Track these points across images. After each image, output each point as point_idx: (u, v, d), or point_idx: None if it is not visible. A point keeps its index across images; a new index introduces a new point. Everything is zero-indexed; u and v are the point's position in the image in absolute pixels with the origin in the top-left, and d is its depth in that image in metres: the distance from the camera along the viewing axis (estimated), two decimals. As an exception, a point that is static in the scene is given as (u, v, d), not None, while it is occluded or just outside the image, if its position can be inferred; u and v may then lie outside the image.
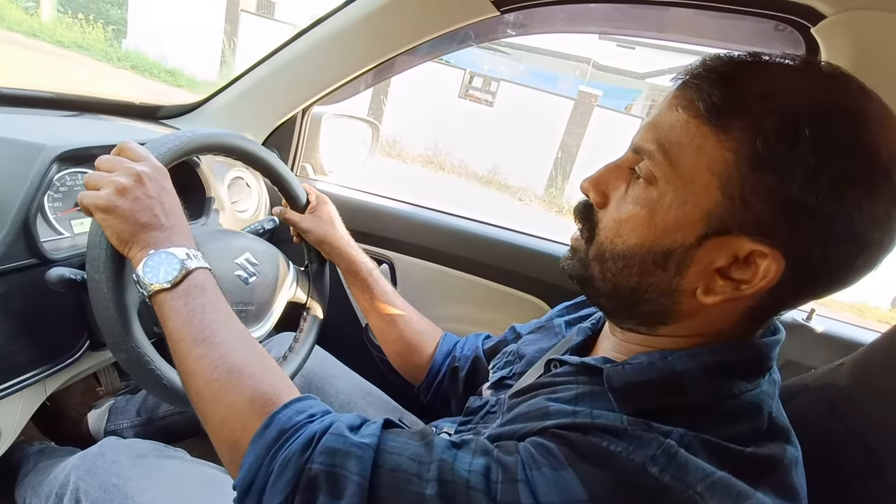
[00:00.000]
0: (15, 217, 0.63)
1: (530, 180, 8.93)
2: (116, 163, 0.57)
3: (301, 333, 0.86)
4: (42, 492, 0.73)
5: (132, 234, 0.55)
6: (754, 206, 0.39)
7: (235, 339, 0.53)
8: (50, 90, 0.96)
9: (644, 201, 0.44)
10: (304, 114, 1.17)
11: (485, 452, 0.42)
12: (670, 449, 0.38)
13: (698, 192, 0.41)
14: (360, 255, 0.88)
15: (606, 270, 0.47)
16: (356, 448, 0.43)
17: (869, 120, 0.37)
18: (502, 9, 0.89)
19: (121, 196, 0.54)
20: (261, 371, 0.50)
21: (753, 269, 0.40)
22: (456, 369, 0.83)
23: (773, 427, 0.43)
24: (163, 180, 0.59)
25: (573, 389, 0.48)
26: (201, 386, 0.50)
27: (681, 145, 0.41)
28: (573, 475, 0.38)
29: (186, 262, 0.55)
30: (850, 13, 0.67)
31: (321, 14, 0.98)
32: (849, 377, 0.60)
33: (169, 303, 0.53)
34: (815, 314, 0.96)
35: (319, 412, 0.48)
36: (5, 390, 0.66)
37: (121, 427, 1.01)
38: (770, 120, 0.38)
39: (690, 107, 0.41)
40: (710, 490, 0.36)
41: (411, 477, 0.41)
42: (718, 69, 0.41)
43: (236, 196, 1.08)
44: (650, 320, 0.48)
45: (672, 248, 0.43)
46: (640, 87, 11.97)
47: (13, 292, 0.64)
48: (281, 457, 0.43)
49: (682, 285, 0.44)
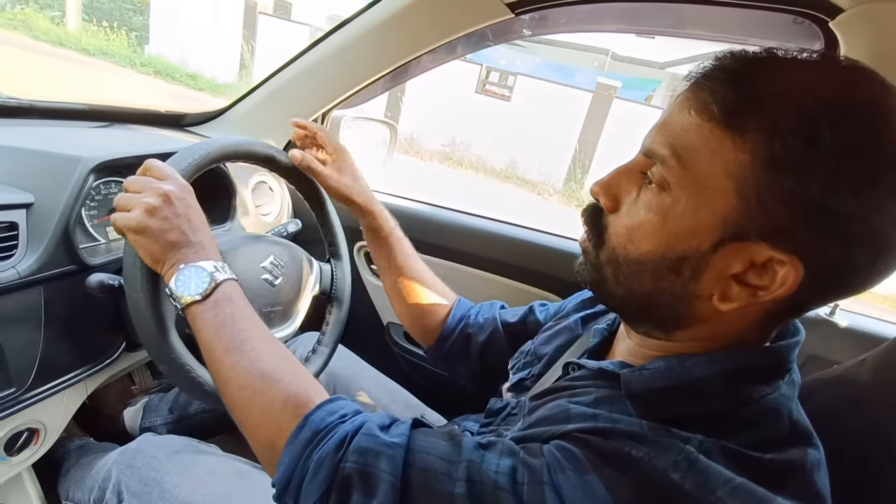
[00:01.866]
0: (56, 227, 0.67)
1: (549, 174, 8.85)
2: (144, 183, 0.59)
3: (327, 327, 0.87)
4: (85, 485, 0.77)
5: (163, 252, 0.57)
6: (772, 209, 0.37)
7: (264, 347, 0.55)
8: (81, 102, 1.00)
9: (657, 208, 0.43)
10: (323, 118, 1.19)
11: (511, 454, 0.43)
12: (690, 455, 0.38)
13: (713, 196, 0.40)
14: (384, 213, 0.84)
15: (620, 274, 0.47)
16: (387, 448, 0.44)
17: (889, 116, 0.36)
18: (517, 11, 0.89)
19: (150, 216, 0.57)
20: (290, 376, 0.52)
21: (771, 276, 0.39)
22: (469, 336, 0.82)
23: (794, 430, 0.42)
24: (188, 198, 0.61)
25: (592, 393, 0.49)
26: (235, 392, 0.52)
27: (695, 149, 0.40)
28: (597, 480, 0.38)
29: (215, 274, 0.57)
30: (868, 6, 0.66)
31: (337, 14, 1.00)
32: (871, 373, 0.59)
33: (201, 314, 0.56)
34: (838, 308, 0.95)
35: (350, 412, 0.50)
36: (50, 390, 0.70)
37: (155, 424, 1.05)
38: (786, 119, 0.36)
39: (703, 109, 0.40)
40: (732, 495, 0.36)
41: (441, 476, 0.42)
42: (731, 68, 0.40)
43: (260, 200, 1.11)
44: (666, 325, 0.47)
45: (687, 253, 0.42)
46: (661, 78, 11.72)
47: (55, 298, 0.68)
48: (316, 456, 0.45)
49: (697, 291, 0.43)
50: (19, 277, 0.63)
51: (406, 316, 0.87)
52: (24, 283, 0.64)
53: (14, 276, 0.62)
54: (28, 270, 0.64)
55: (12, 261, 0.64)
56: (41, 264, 0.65)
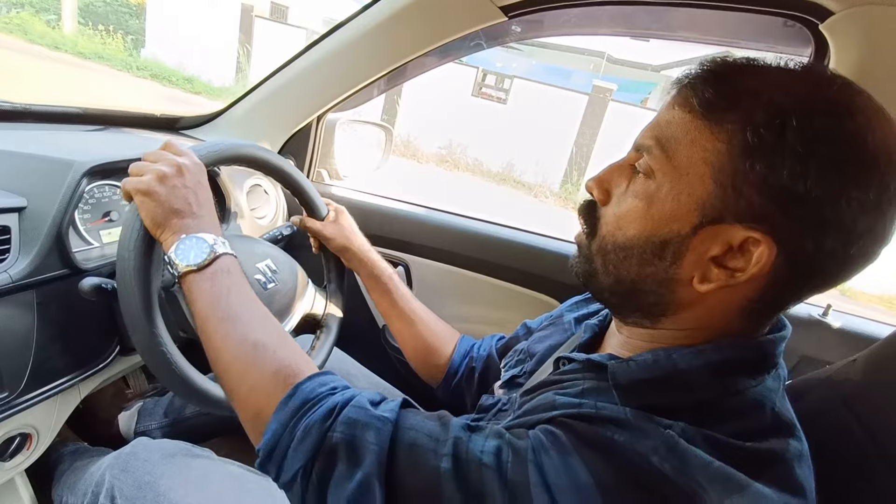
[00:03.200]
0: (49, 230, 0.67)
1: (546, 177, 8.88)
2: (160, 155, 0.62)
3: (313, 351, 0.87)
4: (79, 490, 0.76)
5: (165, 217, 0.58)
6: (746, 195, 0.40)
7: (258, 319, 0.55)
8: (76, 105, 1.00)
9: (642, 194, 0.46)
10: (318, 120, 1.19)
11: (497, 436, 0.43)
12: (671, 440, 0.39)
13: (693, 182, 0.43)
14: (381, 262, 0.90)
15: (608, 263, 0.49)
16: (376, 420, 0.45)
17: (855, 112, 0.39)
18: (509, 14, 0.90)
19: (160, 182, 0.59)
20: (283, 347, 0.53)
21: (747, 258, 0.41)
22: (473, 370, 0.84)
23: (777, 422, 0.44)
24: (200, 175, 0.63)
25: (580, 385, 0.50)
26: (228, 360, 0.52)
27: (676, 139, 0.44)
28: (580, 461, 0.39)
29: (215, 246, 0.58)
30: (857, 9, 0.67)
31: (333, 17, 1.01)
32: (862, 373, 0.60)
33: (197, 283, 0.57)
34: (831, 309, 0.96)
35: (340, 386, 0.50)
36: (43, 394, 0.70)
37: (149, 428, 1.04)
38: (760, 113, 0.40)
39: (686, 104, 0.44)
40: (710, 480, 0.37)
41: (427, 452, 0.43)
42: (712, 70, 0.44)
43: (255, 203, 1.11)
44: (651, 312, 0.49)
45: (668, 237, 0.44)
46: (657, 80, 11.79)
47: (49, 301, 0.68)
48: (303, 424, 0.46)
49: (678, 274, 0.45)
50: (12, 282, 0.63)
51: (412, 355, 0.90)
52: (16, 287, 0.64)
53: (6, 280, 0.62)
54: (20, 274, 0.64)
55: (5, 265, 0.64)
56: (34, 268, 0.65)
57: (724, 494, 0.37)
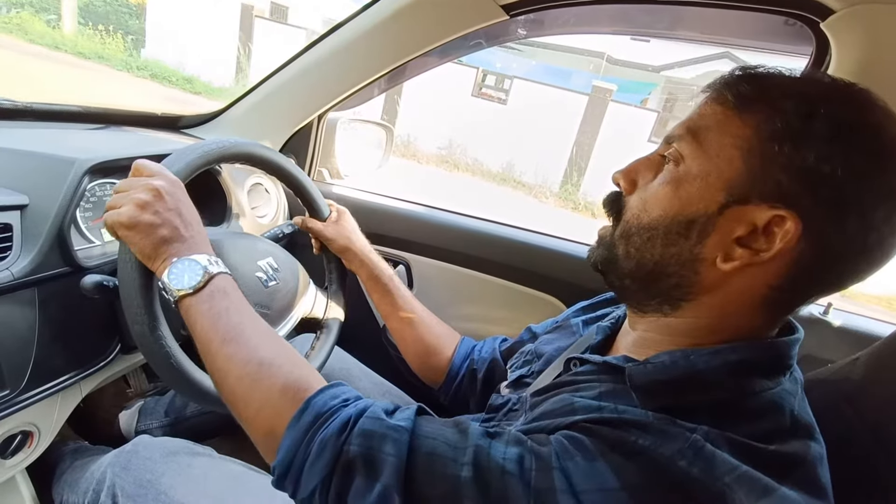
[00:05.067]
0: (50, 228, 0.67)
1: (545, 177, 8.88)
2: (133, 182, 0.59)
3: (313, 352, 0.86)
4: (80, 488, 0.76)
5: (154, 248, 0.56)
6: (774, 175, 0.42)
7: (261, 337, 0.54)
8: (77, 104, 1.00)
9: (671, 178, 0.48)
10: (319, 120, 1.19)
11: (518, 442, 0.43)
12: (697, 443, 0.38)
13: (721, 164, 0.45)
14: (381, 263, 0.89)
15: (631, 246, 0.50)
16: (392, 431, 0.44)
17: (874, 106, 0.42)
18: (511, 13, 0.90)
19: (142, 211, 0.56)
20: (289, 363, 0.52)
21: (770, 239, 0.43)
22: (474, 371, 0.84)
23: (796, 424, 0.43)
24: (179, 192, 0.60)
25: (597, 388, 0.49)
26: (233, 383, 0.51)
27: (707, 128, 0.46)
28: (606, 466, 0.39)
29: (209, 267, 0.57)
30: (858, 7, 0.67)
31: (333, 17, 1.01)
32: (864, 372, 0.60)
33: (195, 307, 0.55)
34: (832, 308, 0.96)
35: (353, 397, 0.49)
36: (44, 392, 0.69)
37: (150, 427, 1.04)
38: (788, 102, 0.43)
39: (720, 98, 0.47)
40: (738, 482, 0.37)
41: (447, 461, 0.42)
42: (748, 69, 0.47)
43: (256, 201, 1.11)
44: (672, 295, 0.49)
45: (695, 216, 0.46)
46: (656, 81, 11.80)
47: (50, 299, 0.68)
48: (318, 439, 0.45)
49: (702, 254, 0.46)
50: (13, 279, 0.63)
51: (413, 357, 0.90)
52: (18, 285, 0.63)
53: (8, 277, 0.62)
54: (22, 272, 0.64)
55: (6, 262, 0.63)
56: (35, 266, 0.65)
57: (752, 497, 0.37)
